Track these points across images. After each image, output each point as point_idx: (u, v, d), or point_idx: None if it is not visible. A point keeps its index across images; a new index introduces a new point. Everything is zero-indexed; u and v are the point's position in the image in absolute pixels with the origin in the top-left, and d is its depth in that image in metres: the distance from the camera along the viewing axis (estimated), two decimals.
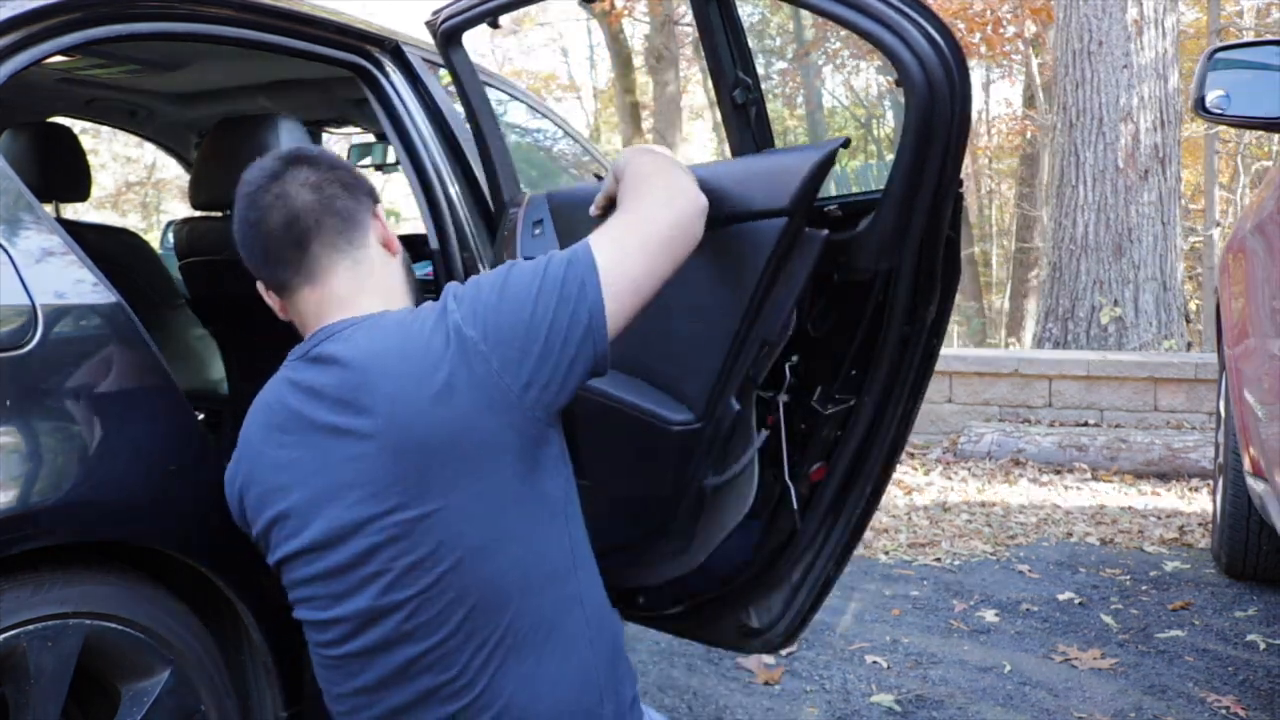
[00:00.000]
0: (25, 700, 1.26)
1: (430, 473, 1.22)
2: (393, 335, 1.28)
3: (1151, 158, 6.64)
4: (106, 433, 1.35)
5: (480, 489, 1.23)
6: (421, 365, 1.23)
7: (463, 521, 1.23)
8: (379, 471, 1.23)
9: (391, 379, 1.24)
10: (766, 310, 1.58)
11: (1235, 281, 2.92)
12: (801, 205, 1.52)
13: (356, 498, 1.24)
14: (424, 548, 1.23)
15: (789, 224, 1.52)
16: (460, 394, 1.22)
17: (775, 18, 17.65)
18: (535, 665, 1.27)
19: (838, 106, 19.24)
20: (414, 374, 1.23)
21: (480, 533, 1.24)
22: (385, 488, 1.23)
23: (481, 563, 1.24)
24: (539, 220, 1.93)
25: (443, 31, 2.02)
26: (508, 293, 1.26)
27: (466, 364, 1.22)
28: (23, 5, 1.45)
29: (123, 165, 16.77)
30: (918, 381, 1.74)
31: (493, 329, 1.24)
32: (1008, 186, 17.52)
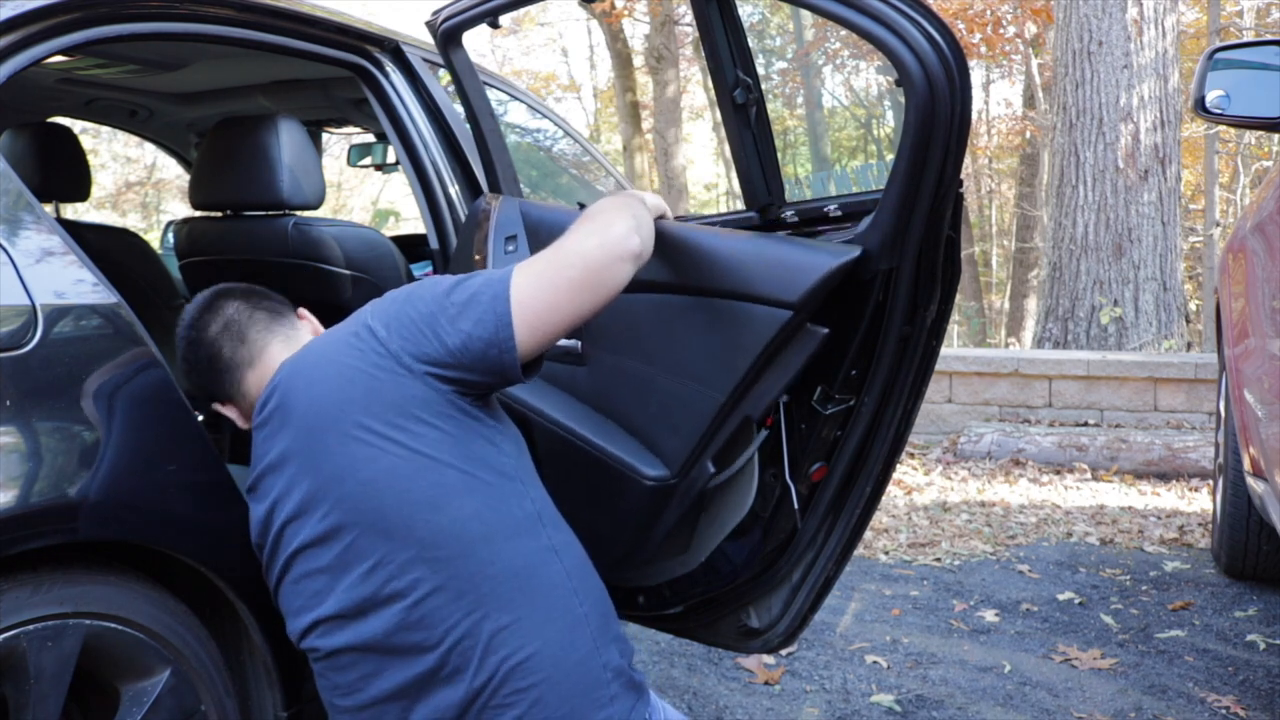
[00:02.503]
0: (25, 700, 1.26)
1: (340, 444, 1.36)
2: (312, 347, 1.47)
3: (1151, 158, 6.64)
4: (106, 433, 1.35)
5: (404, 449, 1.34)
6: (333, 359, 1.40)
7: (399, 479, 1.33)
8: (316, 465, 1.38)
9: (306, 381, 1.40)
10: (755, 391, 1.62)
11: (1235, 281, 2.92)
12: (810, 304, 1.54)
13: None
14: (362, 513, 1.34)
15: (793, 319, 1.54)
16: (363, 372, 1.36)
17: (775, 18, 17.65)
18: (520, 610, 1.33)
19: (838, 106, 19.25)
20: (326, 368, 1.39)
21: (422, 488, 1.33)
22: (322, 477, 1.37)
23: (433, 514, 1.33)
24: (513, 236, 1.95)
25: (443, 31, 2.02)
26: (417, 292, 1.42)
27: (371, 349, 1.38)
28: (23, 5, 1.45)
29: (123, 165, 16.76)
30: (918, 381, 1.74)
31: (395, 319, 1.40)
32: (1008, 186, 17.51)
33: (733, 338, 1.60)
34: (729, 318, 1.60)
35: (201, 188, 2.19)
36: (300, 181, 2.08)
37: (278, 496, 1.38)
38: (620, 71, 14.52)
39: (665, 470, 1.69)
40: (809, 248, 1.61)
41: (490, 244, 1.95)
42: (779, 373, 1.61)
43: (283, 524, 1.37)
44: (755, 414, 1.66)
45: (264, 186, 2.06)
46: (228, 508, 1.51)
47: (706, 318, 1.64)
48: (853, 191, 1.82)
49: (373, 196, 18.79)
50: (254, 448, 1.43)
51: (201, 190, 2.19)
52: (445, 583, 1.31)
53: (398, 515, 1.32)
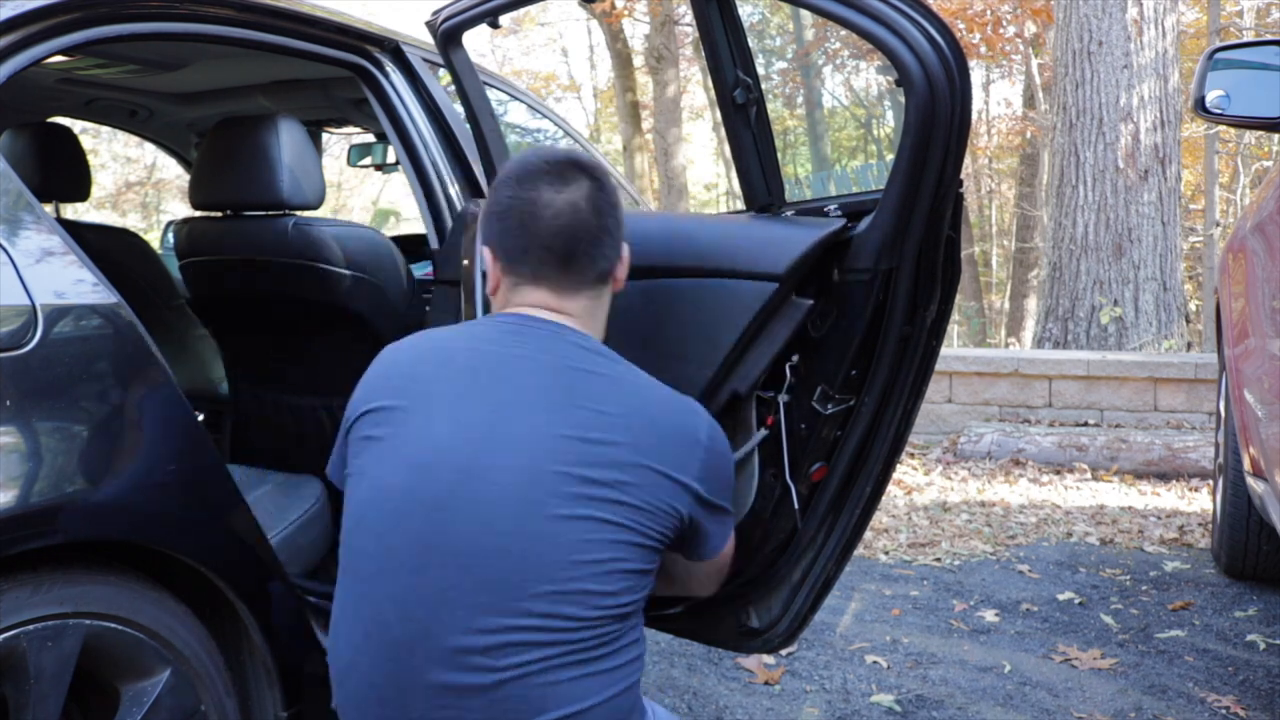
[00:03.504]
0: (25, 700, 1.25)
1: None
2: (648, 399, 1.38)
3: (1151, 158, 6.64)
4: (106, 433, 1.35)
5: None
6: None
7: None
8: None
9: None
10: (742, 366, 1.65)
11: (1235, 281, 2.92)
12: (794, 275, 1.59)
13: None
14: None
15: (779, 290, 1.59)
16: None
17: (775, 18, 17.64)
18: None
19: (838, 106, 19.24)
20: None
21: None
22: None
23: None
24: None
25: (443, 31, 2.02)
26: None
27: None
28: (23, 5, 1.45)
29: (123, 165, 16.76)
30: (918, 381, 1.74)
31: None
32: (1008, 186, 17.51)
33: (720, 314, 1.64)
34: (717, 295, 1.64)
35: (201, 188, 2.18)
36: (300, 181, 2.08)
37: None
38: (620, 71, 14.52)
39: None
40: (794, 224, 1.67)
41: (479, 245, 1.97)
42: (765, 346, 1.65)
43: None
44: (743, 389, 1.68)
45: (264, 186, 2.06)
46: (228, 508, 1.51)
47: (696, 298, 1.68)
48: (853, 191, 1.82)
49: (373, 196, 18.79)
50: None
51: (201, 190, 2.19)
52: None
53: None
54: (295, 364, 2.41)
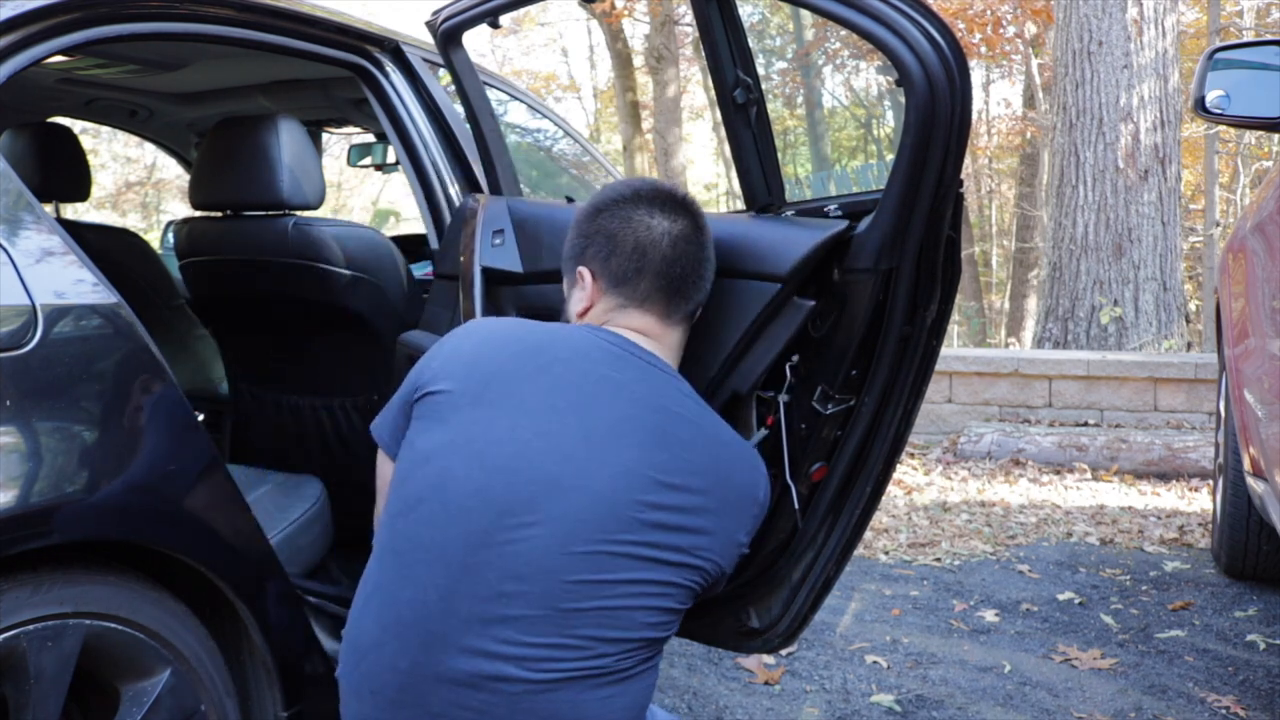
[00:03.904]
0: (25, 700, 1.25)
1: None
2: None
3: (1151, 158, 6.64)
4: (106, 433, 1.35)
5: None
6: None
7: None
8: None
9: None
10: (743, 366, 1.66)
11: (1235, 281, 2.92)
12: (797, 276, 1.59)
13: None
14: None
15: (781, 290, 1.59)
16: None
17: (775, 18, 17.64)
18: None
19: (838, 106, 19.24)
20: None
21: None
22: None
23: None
24: (500, 230, 1.96)
25: (443, 31, 2.02)
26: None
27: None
28: (23, 5, 1.45)
29: (123, 165, 16.76)
30: (918, 381, 1.74)
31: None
32: (1008, 186, 17.51)
33: (722, 314, 1.65)
34: (721, 295, 1.64)
35: (201, 188, 2.19)
36: (300, 181, 2.08)
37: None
38: (620, 71, 14.52)
39: None
40: (796, 224, 1.67)
41: (477, 239, 1.96)
42: (766, 346, 1.65)
43: None
44: (743, 389, 1.68)
45: (264, 186, 2.06)
46: (228, 508, 1.51)
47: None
48: (853, 191, 1.82)
49: (373, 196, 18.79)
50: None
51: (201, 190, 2.19)
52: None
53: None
54: (295, 364, 2.41)
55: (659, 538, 1.27)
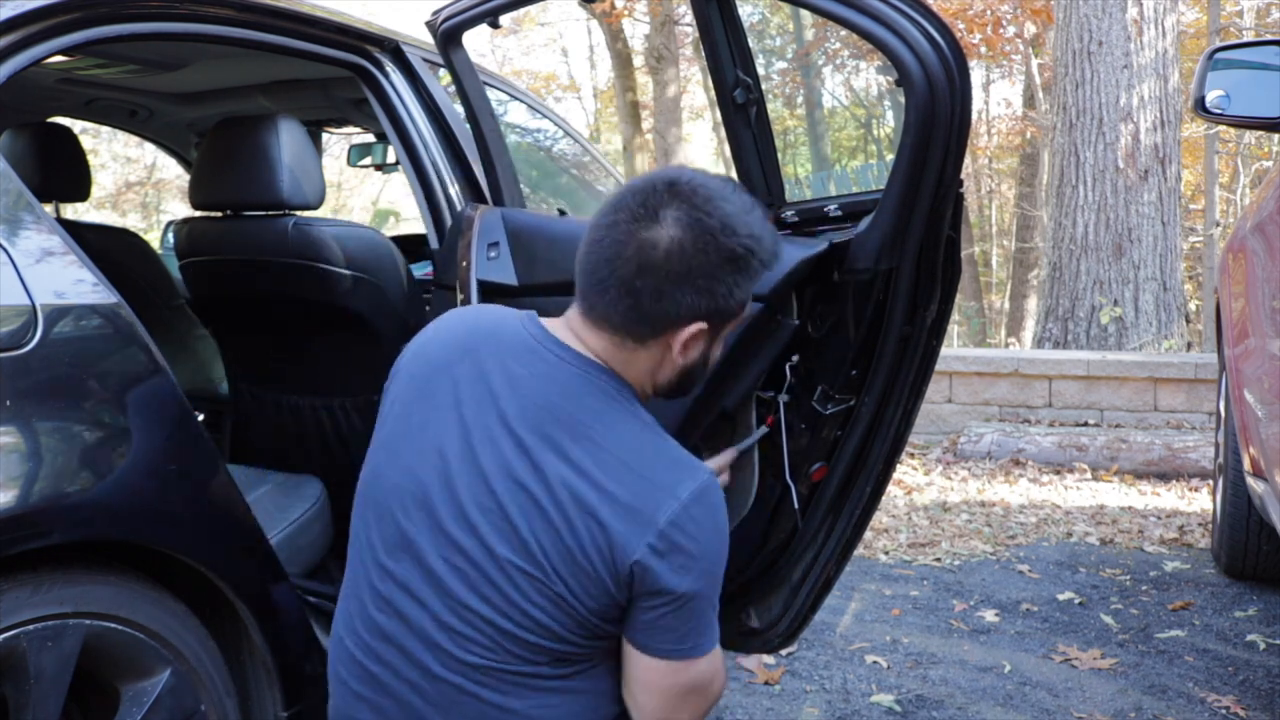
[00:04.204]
0: (25, 700, 1.25)
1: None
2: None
3: (1151, 158, 6.64)
4: (106, 433, 1.35)
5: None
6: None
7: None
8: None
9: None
10: (729, 384, 1.67)
11: (1235, 281, 2.92)
12: (779, 295, 1.61)
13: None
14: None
15: (765, 310, 1.60)
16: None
17: (775, 18, 17.63)
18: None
19: (838, 106, 19.24)
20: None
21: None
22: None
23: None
24: (495, 243, 1.97)
25: (443, 31, 2.03)
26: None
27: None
28: (23, 5, 1.45)
29: (123, 165, 16.75)
30: (918, 381, 1.74)
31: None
32: (1008, 186, 17.50)
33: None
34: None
35: (201, 188, 2.18)
36: (300, 181, 2.08)
37: None
38: (620, 71, 14.51)
39: None
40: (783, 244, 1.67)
41: (474, 250, 1.98)
42: (751, 364, 1.67)
43: None
44: (730, 406, 1.70)
45: (264, 186, 2.06)
46: (228, 508, 1.51)
47: None
48: (853, 191, 1.82)
49: (373, 196, 18.78)
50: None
51: (201, 190, 2.18)
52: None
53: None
54: (295, 364, 2.41)
55: (516, 547, 1.22)
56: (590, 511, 1.20)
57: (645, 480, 1.21)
